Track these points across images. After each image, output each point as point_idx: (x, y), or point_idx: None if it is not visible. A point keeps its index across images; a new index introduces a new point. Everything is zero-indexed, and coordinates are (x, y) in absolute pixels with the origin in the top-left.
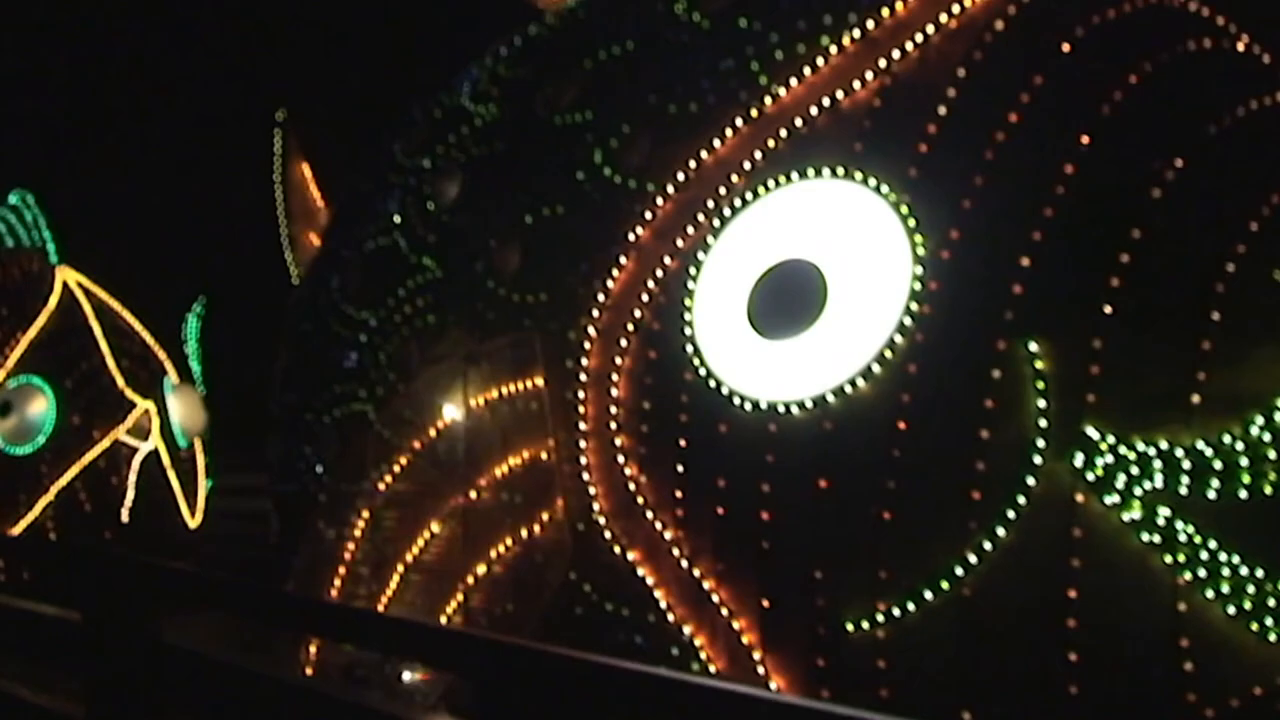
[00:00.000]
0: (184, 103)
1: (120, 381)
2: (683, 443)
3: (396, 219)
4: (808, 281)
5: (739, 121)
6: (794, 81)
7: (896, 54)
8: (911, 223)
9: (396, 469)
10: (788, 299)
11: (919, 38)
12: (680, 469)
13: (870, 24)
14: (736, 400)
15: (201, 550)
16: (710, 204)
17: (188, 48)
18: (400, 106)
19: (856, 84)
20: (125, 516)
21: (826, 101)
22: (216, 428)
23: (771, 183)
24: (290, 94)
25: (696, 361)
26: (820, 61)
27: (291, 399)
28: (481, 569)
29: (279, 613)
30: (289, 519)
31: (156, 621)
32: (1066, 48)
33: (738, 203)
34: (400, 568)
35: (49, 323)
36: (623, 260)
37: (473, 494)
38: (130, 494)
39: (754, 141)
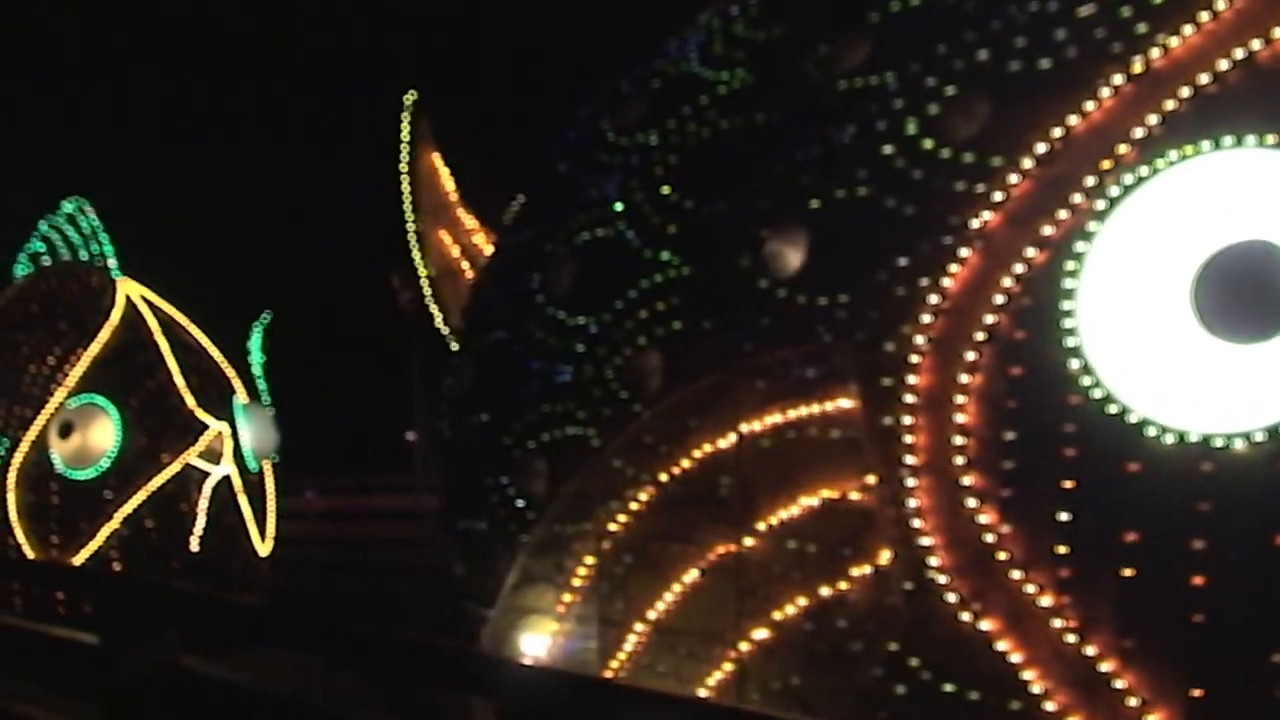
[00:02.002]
0: (252, 97)
1: (190, 401)
2: (1068, 485)
3: (619, 206)
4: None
5: (1118, 79)
6: (1188, 30)
7: None
8: None
9: (634, 506)
10: (1245, 288)
11: None
12: (1065, 518)
13: None
14: (1152, 431)
15: (274, 580)
16: (1089, 181)
17: (265, 29)
18: (546, 86)
19: (1278, 32)
20: (195, 545)
21: (1239, 53)
22: (285, 449)
23: (1173, 154)
24: (376, 80)
25: (1088, 380)
26: (1221, 5)
27: (480, 421)
28: (761, 634)
29: (322, 642)
30: (476, 562)
31: (174, 645)
32: None
33: (1129, 179)
34: (640, 626)
35: (112, 339)
36: (963, 252)
37: (747, 541)
38: (201, 521)
39: (1143, 104)
